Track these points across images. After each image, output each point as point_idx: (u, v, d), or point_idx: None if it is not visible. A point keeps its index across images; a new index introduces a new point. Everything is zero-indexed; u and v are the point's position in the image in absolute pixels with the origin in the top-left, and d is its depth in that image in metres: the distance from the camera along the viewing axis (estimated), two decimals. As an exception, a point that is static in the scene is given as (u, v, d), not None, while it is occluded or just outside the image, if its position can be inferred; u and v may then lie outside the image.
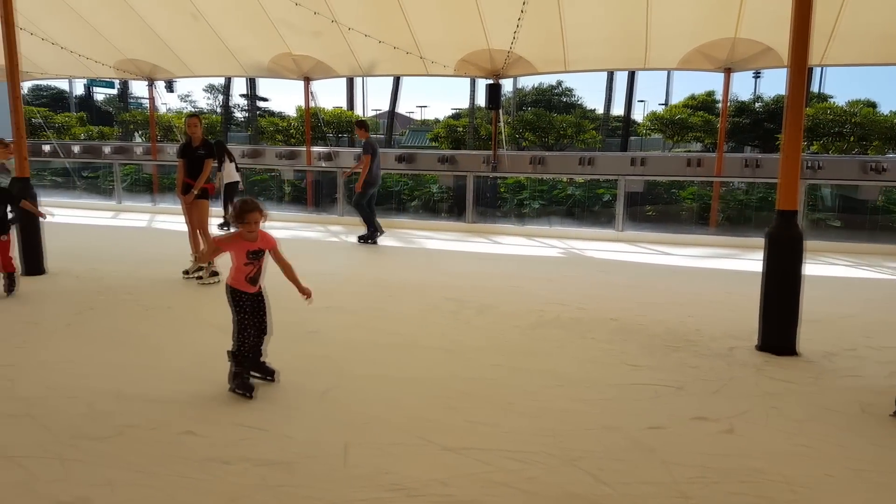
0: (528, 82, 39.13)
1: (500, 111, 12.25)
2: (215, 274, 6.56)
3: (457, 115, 31.92)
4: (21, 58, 6.86)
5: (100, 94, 41.67)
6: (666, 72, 36.64)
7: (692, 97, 27.32)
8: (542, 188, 12.28)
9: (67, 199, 13.22)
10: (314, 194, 13.00)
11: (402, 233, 10.46)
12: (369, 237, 9.21)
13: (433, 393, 3.85)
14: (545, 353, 4.64)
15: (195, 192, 6.57)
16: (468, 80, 24.72)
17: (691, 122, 22.44)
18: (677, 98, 37.23)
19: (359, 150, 10.21)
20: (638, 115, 41.18)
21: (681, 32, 9.88)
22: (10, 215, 6.18)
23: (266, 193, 14.10)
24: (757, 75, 35.37)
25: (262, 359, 3.93)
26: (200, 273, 6.63)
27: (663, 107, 32.37)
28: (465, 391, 3.88)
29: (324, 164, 15.50)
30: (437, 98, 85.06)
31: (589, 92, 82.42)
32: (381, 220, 9.36)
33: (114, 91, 37.93)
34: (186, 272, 6.77)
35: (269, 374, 3.96)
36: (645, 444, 3.24)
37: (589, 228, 10.39)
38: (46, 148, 16.33)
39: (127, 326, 5.15)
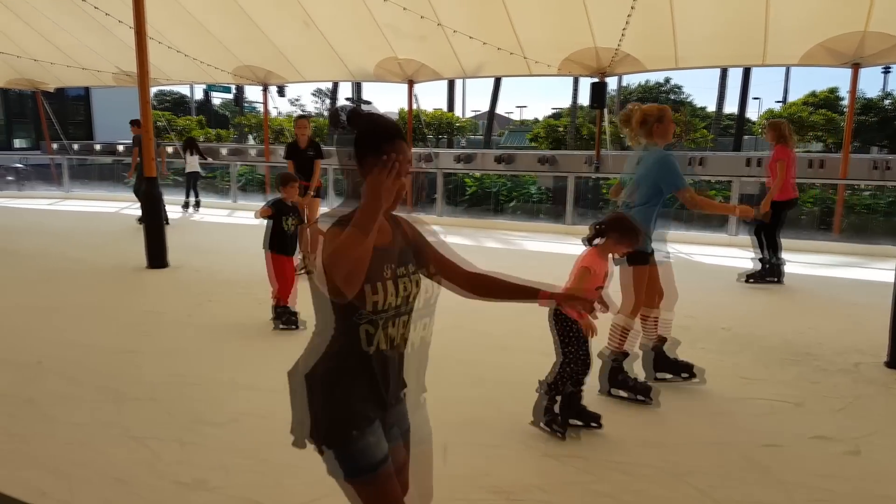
0: (634, 80, 37.93)
1: (605, 110, 11.92)
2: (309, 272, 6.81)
3: (557, 115, 31.50)
4: (150, 65, 7.41)
5: (217, 98, 44.61)
6: (784, 68, 34.45)
7: (813, 94, 25.53)
8: (647, 189, 11.81)
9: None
10: (414, 195, 13.24)
11: (499, 234, 10.42)
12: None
13: (532, 397, 3.78)
14: (650, 361, 4.45)
15: (311, 193, 6.86)
16: (570, 78, 24.34)
17: (812, 120, 20.93)
18: (796, 95, 34.91)
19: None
20: (752, 113, 38.90)
21: (803, 27, 9.22)
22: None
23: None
24: (886, 70, 32.55)
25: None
26: (310, 268, 6.88)
27: (781, 104, 30.45)
28: (566, 397, 3.78)
29: (424, 165, 15.73)
30: (536, 98, 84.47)
31: (699, 89, 78.83)
32: (480, 221, 9.30)
33: (230, 95, 40.45)
34: (295, 268, 7.04)
35: (593, 421, 3.32)
36: (759, 462, 3.04)
37: (698, 232, 9.90)
38: (169, 149, 17.54)
39: (241, 318, 5.44)
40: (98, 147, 21.50)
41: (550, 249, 9.01)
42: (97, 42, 13.34)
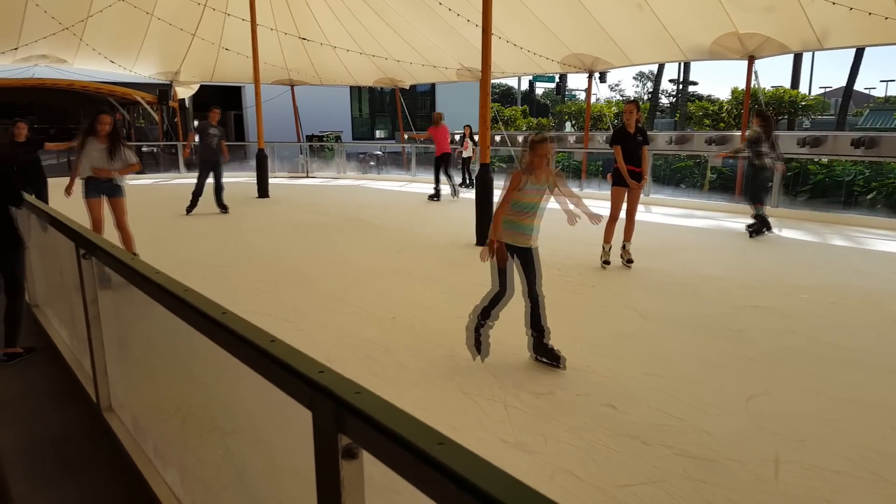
0: None
1: None
2: (630, 262, 6.72)
3: (943, 89, 25.42)
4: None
5: (540, 88, 46.72)
6: None
7: None
8: None
9: (512, 182, 15.23)
10: (744, 182, 12.06)
11: (849, 231, 8.93)
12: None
13: (887, 423, 3.21)
14: None
15: (645, 180, 6.80)
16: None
17: None
18: None
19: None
20: None
21: None
22: None
23: (688, 181, 13.72)
24: None
25: None
26: (631, 257, 6.79)
27: None
28: (939, 432, 3.12)
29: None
30: (910, 69, 69.11)
31: None
32: (825, 214, 8.02)
33: (552, 85, 41.97)
34: (630, 261, 6.84)
35: None
36: None
37: None
38: (497, 138, 19.02)
39: (557, 298, 5.66)
40: (439, 136, 24.37)
41: (923, 253, 7.41)
42: (444, 41, 15.04)
